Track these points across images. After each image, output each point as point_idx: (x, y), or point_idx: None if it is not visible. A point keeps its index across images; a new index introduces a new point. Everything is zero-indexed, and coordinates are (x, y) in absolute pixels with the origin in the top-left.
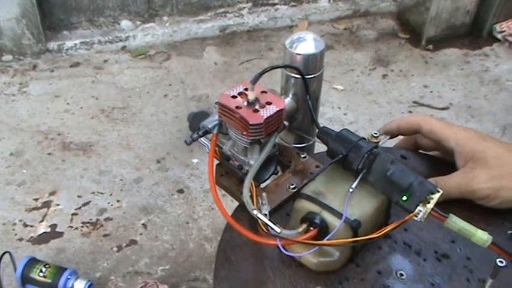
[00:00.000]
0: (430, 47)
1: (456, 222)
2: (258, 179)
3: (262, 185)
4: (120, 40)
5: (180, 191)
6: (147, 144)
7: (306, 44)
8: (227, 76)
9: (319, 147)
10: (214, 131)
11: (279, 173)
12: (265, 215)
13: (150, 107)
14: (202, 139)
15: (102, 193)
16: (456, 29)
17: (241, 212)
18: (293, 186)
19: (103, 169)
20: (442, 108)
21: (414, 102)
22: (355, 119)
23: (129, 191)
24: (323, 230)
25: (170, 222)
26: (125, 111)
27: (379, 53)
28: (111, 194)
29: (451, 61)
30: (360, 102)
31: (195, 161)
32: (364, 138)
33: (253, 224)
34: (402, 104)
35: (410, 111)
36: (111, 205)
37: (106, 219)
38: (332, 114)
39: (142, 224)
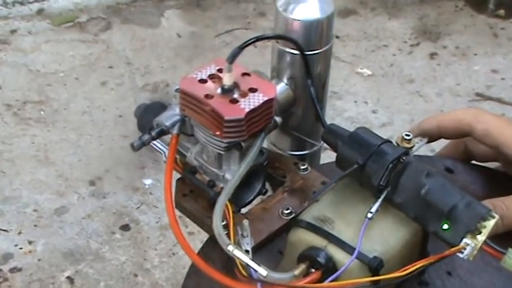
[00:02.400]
0: (501, 12)
1: None
2: (237, 200)
3: (244, 210)
4: (36, 0)
5: (125, 228)
6: (76, 156)
7: (307, 5)
8: (196, 54)
9: (328, 156)
10: (174, 131)
11: (268, 193)
12: (247, 251)
13: (80, 101)
14: (157, 143)
15: (6, 230)
16: None
17: (213, 249)
18: (288, 211)
19: (8, 194)
20: None
21: (477, 94)
22: (389, 119)
23: (48, 228)
24: (329, 272)
25: (110, 274)
26: (42, 106)
27: (425, 20)
28: (19, 232)
29: None
30: (396, 94)
31: (148, 182)
32: (390, 141)
33: (229, 265)
34: (459, 96)
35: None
36: (20, 248)
37: (12, 270)
38: (355, 111)
39: (67, 278)
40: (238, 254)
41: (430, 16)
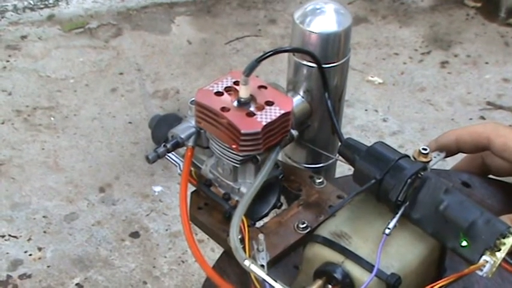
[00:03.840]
0: None
1: None
2: (252, 214)
3: (259, 224)
4: (46, 6)
5: (135, 235)
6: (85, 163)
7: (325, 18)
8: (207, 61)
9: (344, 169)
10: (190, 144)
11: (284, 206)
12: (262, 266)
13: (90, 108)
14: (172, 155)
15: (15, 237)
16: None
17: (228, 263)
18: (304, 225)
19: (18, 201)
20: None
21: (488, 103)
22: (399, 128)
23: (58, 234)
24: None
25: (119, 281)
26: (52, 113)
27: (436, 29)
28: (29, 239)
29: None
30: (407, 103)
31: (158, 189)
32: (408, 156)
33: (244, 279)
34: (470, 105)
35: (482, 117)
36: (30, 255)
37: (22, 277)
38: (365, 119)
39: (77, 285)
40: (255, 269)
41: (441, 24)
